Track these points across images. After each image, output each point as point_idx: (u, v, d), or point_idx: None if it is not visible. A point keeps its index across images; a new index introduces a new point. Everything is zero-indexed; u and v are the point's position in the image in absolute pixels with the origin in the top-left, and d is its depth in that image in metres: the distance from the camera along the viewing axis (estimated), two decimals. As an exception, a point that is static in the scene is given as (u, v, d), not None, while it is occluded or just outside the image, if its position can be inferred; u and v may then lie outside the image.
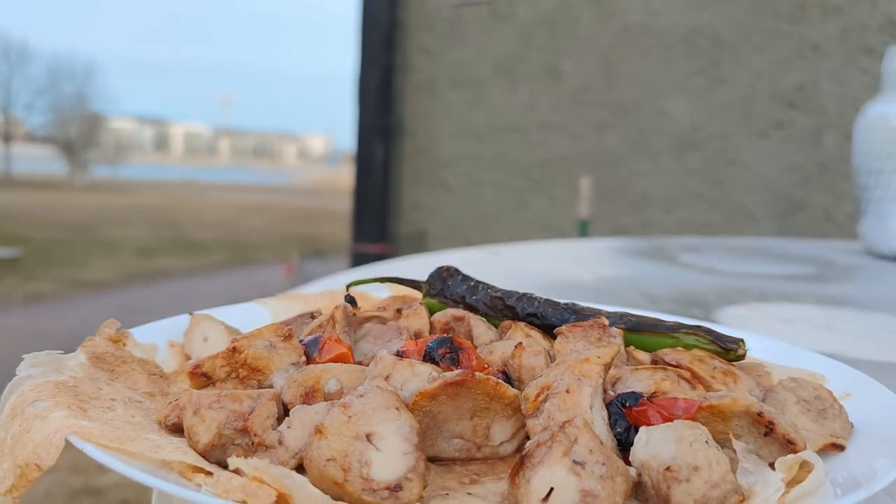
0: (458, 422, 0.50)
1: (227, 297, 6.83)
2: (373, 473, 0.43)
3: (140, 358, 0.64)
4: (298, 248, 10.33)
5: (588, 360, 0.48)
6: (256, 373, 0.57)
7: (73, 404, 0.50)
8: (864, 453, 0.50)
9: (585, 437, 0.42)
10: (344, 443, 0.43)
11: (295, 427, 0.48)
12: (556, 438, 0.42)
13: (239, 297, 0.87)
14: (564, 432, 0.42)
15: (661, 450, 0.43)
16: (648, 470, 0.43)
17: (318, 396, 0.54)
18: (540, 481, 0.40)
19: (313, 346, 0.60)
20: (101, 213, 15.75)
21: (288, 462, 0.47)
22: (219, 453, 0.48)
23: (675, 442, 0.43)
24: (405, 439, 0.44)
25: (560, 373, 0.48)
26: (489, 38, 4.76)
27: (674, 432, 0.44)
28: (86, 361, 0.58)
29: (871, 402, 0.58)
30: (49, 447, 0.45)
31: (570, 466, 0.41)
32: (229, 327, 0.70)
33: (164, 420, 0.53)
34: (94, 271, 9.51)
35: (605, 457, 0.42)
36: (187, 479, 0.45)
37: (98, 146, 35.63)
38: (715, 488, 0.41)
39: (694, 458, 0.42)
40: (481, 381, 0.48)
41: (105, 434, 0.46)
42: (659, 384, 0.52)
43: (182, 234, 13.18)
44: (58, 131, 33.75)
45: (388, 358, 0.52)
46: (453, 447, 0.51)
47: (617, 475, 0.42)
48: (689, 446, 0.42)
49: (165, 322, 0.72)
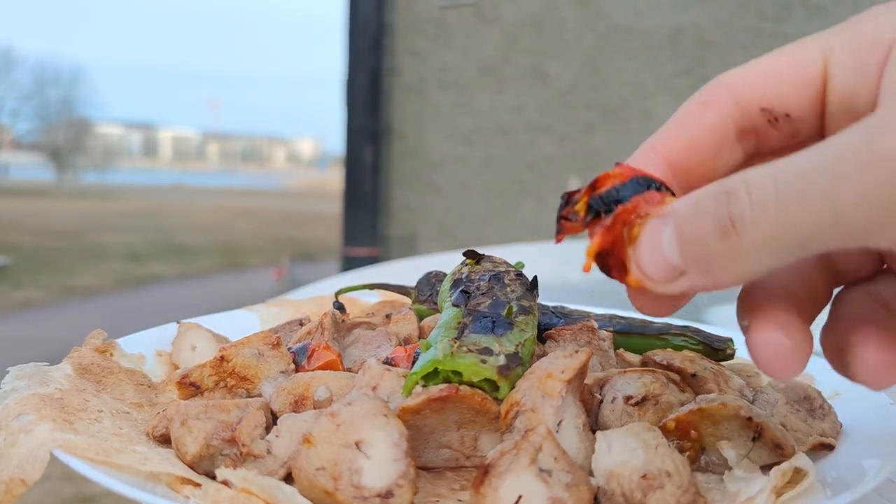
0: (444, 433, 0.50)
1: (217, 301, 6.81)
2: (363, 481, 0.42)
3: (127, 368, 0.63)
4: (288, 252, 10.31)
5: (551, 375, 0.48)
6: (245, 381, 0.57)
7: (59, 417, 0.49)
8: (854, 453, 0.51)
9: (549, 446, 0.42)
10: (333, 451, 0.43)
11: (283, 436, 0.48)
12: (520, 446, 0.42)
13: (229, 302, 0.86)
14: (528, 440, 0.42)
15: (629, 457, 0.43)
16: (619, 478, 0.42)
17: (307, 404, 0.53)
18: (508, 489, 0.40)
19: (302, 353, 0.60)
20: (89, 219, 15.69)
21: (277, 472, 0.47)
22: (207, 464, 0.48)
23: (641, 448, 0.43)
24: (395, 446, 0.44)
25: (527, 388, 0.48)
26: (475, 40, 4.76)
27: (634, 437, 0.44)
28: (72, 373, 0.58)
29: (860, 402, 0.58)
30: (34, 461, 0.44)
31: (538, 474, 0.41)
32: (217, 335, 0.70)
33: (151, 431, 0.52)
34: (84, 278, 9.46)
35: (569, 465, 0.42)
36: (176, 491, 0.44)
37: (86, 152, 35.47)
38: (686, 493, 0.41)
39: (663, 464, 0.42)
40: (466, 395, 0.48)
41: (91, 447, 0.45)
42: (648, 386, 0.52)
43: (171, 239, 13.13)
44: (45, 138, 33.58)
45: (375, 368, 0.52)
46: (441, 457, 0.50)
47: (581, 484, 0.42)
48: (655, 451, 0.43)
49: (153, 331, 0.71)
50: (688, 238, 0.33)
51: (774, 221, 0.30)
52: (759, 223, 0.31)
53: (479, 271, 0.60)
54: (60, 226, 14.30)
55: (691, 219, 0.33)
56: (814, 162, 0.30)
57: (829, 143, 0.30)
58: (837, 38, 0.36)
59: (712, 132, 0.38)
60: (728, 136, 0.38)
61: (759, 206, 0.31)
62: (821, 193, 0.29)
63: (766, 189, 0.31)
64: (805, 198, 0.30)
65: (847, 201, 0.29)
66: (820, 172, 0.30)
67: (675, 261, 0.34)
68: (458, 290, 0.58)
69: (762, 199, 0.31)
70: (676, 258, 0.34)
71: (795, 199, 0.30)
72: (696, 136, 0.38)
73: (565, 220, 0.40)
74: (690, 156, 0.38)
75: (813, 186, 0.30)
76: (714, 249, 0.32)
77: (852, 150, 0.29)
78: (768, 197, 0.30)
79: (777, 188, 0.30)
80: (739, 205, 0.31)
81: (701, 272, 0.33)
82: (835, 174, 0.29)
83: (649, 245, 0.35)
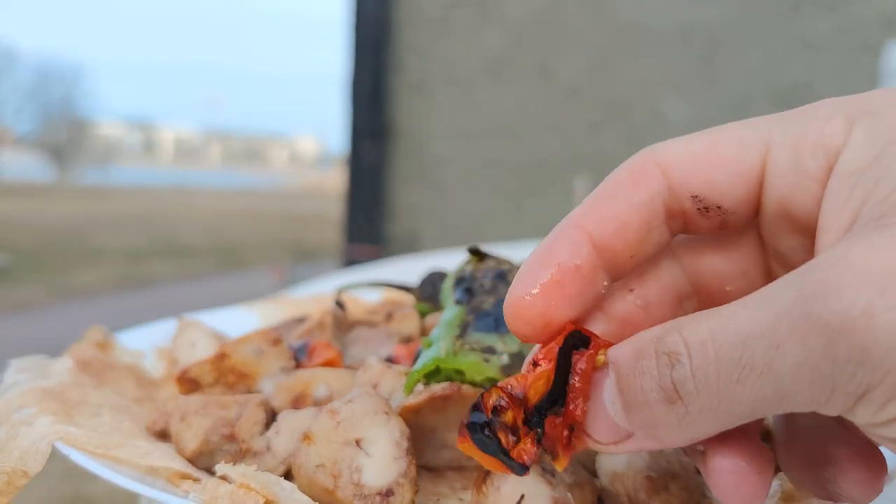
0: (446, 432, 0.49)
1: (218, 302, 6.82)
2: (364, 479, 0.42)
3: (127, 364, 0.63)
4: (289, 253, 10.30)
5: None
6: (245, 378, 0.57)
7: (60, 410, 0.49)
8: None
9: None
10: (333, 449, 0.43)
11: (283, 433, 0.47)
12: None
13: (229, 302, 0.86)
14: None
15: (634, 457, 0.43)
16: (623, 479, 0.42)
17: (307, 402, 0.53)
18: (511, 489, 0.40)
19: (302, 350, 0.60)
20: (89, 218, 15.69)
21: (276, 468, 0.47)
22: (206, 460, 0.48)
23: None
24: (395, 444, 0.44)
25: None
26: (479, 38, 4.76)
27: None
28: (73, 367, 0.58)
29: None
30: (36, 454, 0.45)
31: (541, 474, 0.40)
32: (217, 332, 0.69)
33: (151, 426, 0.52)
34: (83, 278, 9.47)
35: (572, 466, 0.42)
36: (175, 485, 0.44)
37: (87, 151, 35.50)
38: (691, 495, 0.41)
39: (668, 465, 0.42)
40: (468, 394, 0.47)
41: (92, 440, 0.46)
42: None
43: (172, 240, 13.14)
44: (46, 136, 33.61)
45: (376, 366, 0.51)
46: (442, 457, 0.50)
47: (585, 484, 0.42)
48: (660, 453, 0.42)
49: (153, 327, 0.71)
50: (631, 398, 0.32)
51: (717, 394, 0.29)
52: (703, 393, 0.30)
53: (483, 269, 0.59)
54: (60, 225, 14.31)
55: (633, 375, 0.32)
56: (752, 326, 0.29)
57: (766, 299, 0.29)
58: (779, 131, 0.34)
59: (641, 212, 0.35)
60: (658, 216, 0.35)
61: (701, 376, 0.29)
62: (759, 367, 0.28)
63: (707, 356, 0.29)
64: (745, 372, 0.28)
65: (786, 375, 0.28)
66: (758, 342, 0.28)
67: (619, 421, 0.33)
68: (462, 288, 0.57)
69: (703, 367, 0.29)
70: (621, 418, 0.32)
71: (735, 371, 0.29)
72: (624, 215, 0.35)
73: (517, 448, 0.33)
74: (618, 237, 0.35)
75: (752, 358, 0.28)
76: (659, 415, 0.31)
77: (787, 313, 0.28)
78: (709, 365, 0.29)
79: (717, 356, 0.29)
80: (682, 371, 0.30)
81: (649, 436, 0.32)
82: (771, 343, 0.28)
83: (593, 410, 0.33)
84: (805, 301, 0.27)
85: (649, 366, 0.31)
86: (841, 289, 0.27)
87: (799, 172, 0.33)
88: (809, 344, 0.27)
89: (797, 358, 0.27)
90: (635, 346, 0.32)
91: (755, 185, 0.34)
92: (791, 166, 0.33)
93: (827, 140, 0.32)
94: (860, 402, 0.27)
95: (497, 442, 0.32)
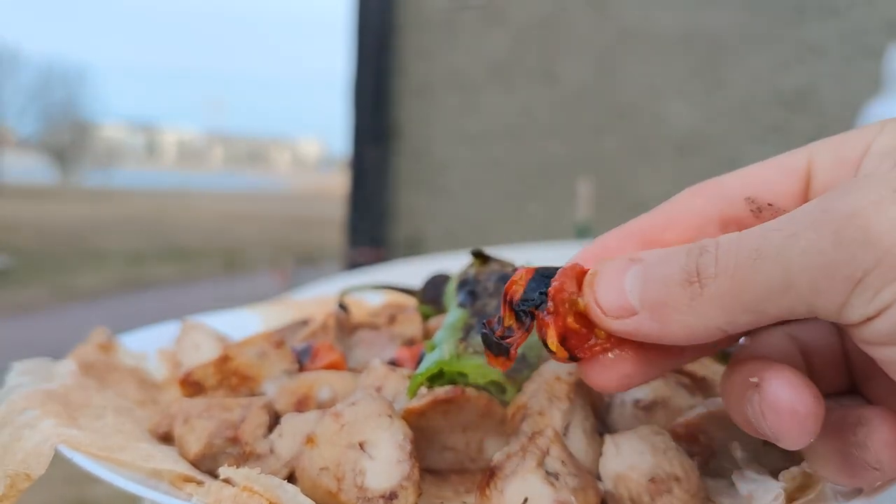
0: (449, 435, 0.49)
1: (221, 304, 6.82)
2: (367, 482, 0.42)
3: (130, 366, 0.63)
4: (292, 255, 10.30)
5: (559, 378, 0.47)
6: (248, 381, 0.57)
7: (63, 413, 0.49)
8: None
9: (556, 449, 0.42)
10: (337, 452, 0.43)
11: (286, 436, 0.47)
12: (527, 449, 0.42)
13: (232, 305, 0.86)
14: (535, 443, 0.42)
15: (637, 460, 0.42)
16: (626, 481, 0.42)
17: (310, 404, 0.53)
18: (514, 492, 0.40)
19: (305, 353, 0.60)
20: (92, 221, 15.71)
21: (279, 471, 0.47)
22: (210, 462, 0.48)
23: (649, 451, 0.42)
24: (399, 447, 0.43)
25: (534, 391, 0.48)
26: (484, 41, 4.76)
27: (642, 440, 0.43)
28: (76, 369, 0.58)
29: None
30: (39, 456, 0.45)
31: (544, 477, 0.40)
32: (221, 335, 0.69)
33: (154, 429, 0.52)
34: (86, 280, 9.47)
35: (576, 468, 0.42)
36: (178, 488, 0.44)
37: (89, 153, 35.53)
38: (695, 498, 0.41)
39: (672, 467, 0.42)
40: (472, 398, 0.47)
41: (95, 443, 0.45)
42: (658, 390, 0.52)
43: (174, 242, 13.15)
44: (49, 138, 33.65)
45: (379, 368, 0.51)
46: (446, 460, 0.50)
47: (588, 487, 0.41)
48: (664, 455, 0.42)
49: (156, 330, 0.71)
50: (651, 280, 0.35)
51: (732, 279, 0.32)
52: (720, 278, 0.32)
53: (487, 272, 0.59)
54: (63, 228, 14.32)
55: (660, 263, 0.35)
56: (774, 224, 0.32)
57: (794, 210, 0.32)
58: (822, 144, 0.38)
59: (695, 216, 0.40)
60: (711, 221, 0.39)
61: (722, 262, 0.33)
62: (774, 253, 0.31)
63: (730, 249, 0.33)
64: (761, 256, 0.31)
65: (795, 261, 0.30)
66: (776, 233, 0.31)
67: (631, 298, 0.35)
68: (465, 291, 0.57)
69: (726, 256, 0.33)
70: (634, 296, 0.35)
71: (753, 257, 0.32)
72: (679, 216, 0.40)
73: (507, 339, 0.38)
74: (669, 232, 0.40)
75: (769, 246, 0.31)
76: (673, 294, 0.34)
77: (807, 211, 0.31)
78: (731, 256, 0.32)
79: (740, 248, 0.32)
80: (706, 259, 0.33)
81: (652, 314, 0.34)
82: (787, 233, 0.31)
83: (610, 280, 0.36)
84: (825, 199, 0.31)
85: (678, 257, 0.34)
86: (860, 187, 0.30)
87: (840, 163, 0.37)
88: (822, 230, 0.30)
89: (809, 242, 0.30)
90: (668, 250, 0.35)
91: (803, 182, 0.38)
92: (834, 158, 0.37)
93: (864, 135, 0.36)
94: (856, 289, 0.30)
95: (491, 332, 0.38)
